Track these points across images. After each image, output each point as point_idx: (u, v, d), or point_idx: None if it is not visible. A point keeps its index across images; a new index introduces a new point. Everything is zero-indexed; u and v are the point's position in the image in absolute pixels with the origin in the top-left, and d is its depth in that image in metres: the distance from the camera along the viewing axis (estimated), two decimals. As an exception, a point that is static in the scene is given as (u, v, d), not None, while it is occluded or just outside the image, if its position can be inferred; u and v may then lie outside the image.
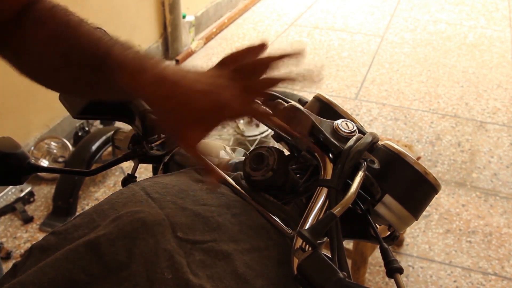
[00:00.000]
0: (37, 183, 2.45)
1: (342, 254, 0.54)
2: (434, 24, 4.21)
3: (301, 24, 4.22)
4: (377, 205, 0.60)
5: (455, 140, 2.81)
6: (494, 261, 2.09)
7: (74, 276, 0.51)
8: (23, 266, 0.55)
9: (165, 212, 0.57)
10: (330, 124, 0.63)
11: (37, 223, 2.25)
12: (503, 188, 2.47)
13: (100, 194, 2.42)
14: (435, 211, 2.33)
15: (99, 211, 0.59)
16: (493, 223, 2.27)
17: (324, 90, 3.29)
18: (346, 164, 0.57)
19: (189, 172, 0.67)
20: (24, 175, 0.76)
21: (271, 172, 0.62)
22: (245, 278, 0.53)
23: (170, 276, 0.51)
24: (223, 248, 0.55)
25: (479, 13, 4.40)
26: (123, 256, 0.52)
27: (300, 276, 0.51)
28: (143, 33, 3.39)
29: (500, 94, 3.26)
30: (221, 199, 0.61)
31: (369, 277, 2.01)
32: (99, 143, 2.41)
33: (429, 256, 2.11)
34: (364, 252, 1.79)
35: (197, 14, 3.91)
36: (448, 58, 3.68)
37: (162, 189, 0.62)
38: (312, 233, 0.52)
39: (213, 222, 0.58)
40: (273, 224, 0.60)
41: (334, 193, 0.56)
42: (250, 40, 3.95)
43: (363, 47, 3.83)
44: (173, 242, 0.54)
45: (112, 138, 0.83)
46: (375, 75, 3.47)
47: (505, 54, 3.74)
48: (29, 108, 2.50)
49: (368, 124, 2.94)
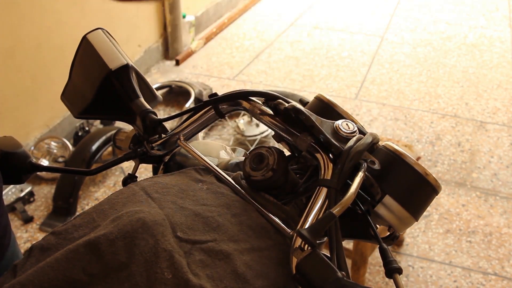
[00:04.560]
0: (37, 183, 2.45)
1: (341, 253, 0.54)
2: (434, 24, 4.21)
3: (301, 24, 4.22)
4: (377, 205, 0.60)
5: (455, 140, 2.81)
6: (494, 261, 2.09)
7: (74, 276, 0.51)
8: (23, 266, 0.55)
9: (165, 212, 0.58)
10: (331, 124, 0.63)
11: (37, 223, 2.25)
12: (503, 188, 2.47)
13: (100, 194, 2.42)
14: (435, 211, 2.33)
15: (99, 211, 0.60)
16: (493, 223, 2.27)
17: (324, 90, 3.29)
18: (346, 164, 0.57)
19: (189, 172, 0.67)
20: (25, 174, 0.76)
21: (271, 172, 0.62)
22: (245, 278, 0.53)
23: (170, 276, 0.51)
24: (223, 248, 0.55)
25: (479, 13, 4.40)
26: (123, 256, 0.52)
27: (299, 275, 0.51)
28: (143, 33, 3.39)
29: (500, 94, 3.26)
30: (221, 199, 0.61)
31: (369, 277, 2.01)
32: (99, 143, 2.42)
33: (429, 256, 2.11)
34: (364, 252, 1.79)
35: (197, 14, 3.91)
36: (448, 58, 3.68)
37: (162, 189, 0.62)
38: (311, 233, 0.52)
39: (213, 222, 0.58)
40: (273, 224, 0.60)
41: (333, 193, 0.56)
42: (250, 40, 3.95)
43: (363, 47, 3.83)
44: (173, 242, 0.54)
45: (113, 138, 0.83)
46: (375, 75, 3.47)
47: (505, 54, 3.74)
48: (29, 108, 2.50)
49: (368, 124, 2.94)
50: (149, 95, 0.80)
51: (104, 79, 0.75)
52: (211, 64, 3.61)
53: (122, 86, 0.76)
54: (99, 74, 0.75)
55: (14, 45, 2.33)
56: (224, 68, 3.57)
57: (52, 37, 2.54)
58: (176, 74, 3.47)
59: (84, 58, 0.79)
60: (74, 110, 0.80)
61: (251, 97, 0.69)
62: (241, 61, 3.65)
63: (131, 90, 0.77)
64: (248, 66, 3.58)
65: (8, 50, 2.32)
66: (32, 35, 2.43)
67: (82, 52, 0.79)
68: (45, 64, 2.53)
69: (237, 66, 3.59)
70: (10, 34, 2.30)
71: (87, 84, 0.77)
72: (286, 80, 3.41)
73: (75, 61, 0.80)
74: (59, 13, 2.57)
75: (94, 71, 0.76)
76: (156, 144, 0.76)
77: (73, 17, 2.65)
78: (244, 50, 3.81)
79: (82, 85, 0.79)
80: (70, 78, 0.80)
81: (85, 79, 0.79)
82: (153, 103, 0.81)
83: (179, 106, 3.10)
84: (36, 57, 2.48)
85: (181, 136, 0.74)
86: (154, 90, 0.82)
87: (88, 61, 0.78)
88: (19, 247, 0.90)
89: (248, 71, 3.52)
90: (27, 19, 2.37)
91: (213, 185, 0.64)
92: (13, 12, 2.26)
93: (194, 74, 3.48)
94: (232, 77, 3.46)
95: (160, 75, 3.47)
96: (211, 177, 0.66)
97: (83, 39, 0.78)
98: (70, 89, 0.81)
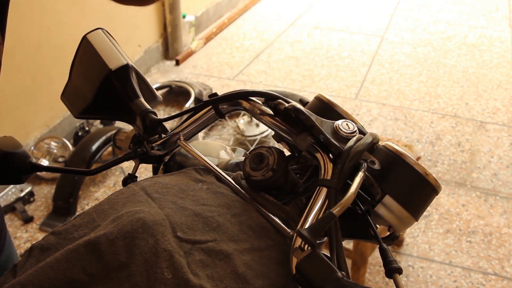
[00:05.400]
0: (37, 183, 2.45)
1: (341, 253, 0.54)
2: (434, 24, 4.21)
3: (301, 24, 4.22)
4: (377, 206, 0.60)
5: (455, 140, 2.81)
6: (494, 261, 2.09)
7: (74, 276, 0.51)
8: (23, 266, 0.55)
9: (165, 212, 0.58)
10: (331, 124, 0.63)
11: (37, 223, 2.25)
12: (503, 188, 2.47)
13: (100, 194, 2.42)
14: (435, 211, 2.33)
15: (99, 211, 0.60)
16: (493, 223, 2.27)
17: (324, 90, 3.29)
18: (346, 164, 0.57)
19: (189, 172, 0.67)
20: (25, 174, 0.76)
21: (271, 172, 0.62)
22: (245, 278, 0.53)
23: (170, 276, 0.51)
24: (223, 248, 0.55)
25: (479, 13, 4.40)
26: (123, 256, 0.52)
27: (299, 275, 0.51)
28: (143, 33, 3.39)
29: (500, 94, 3.26)
30: (221, 199, 0.61)
31: (369, 277, 2.01)
32: (99, 143, 2.42)
33: (429, 256, 2.11)
34: (364, 252, 1.79)
35: (197, 14, 3.91)
36: (448, 58, 3.68)
37: (162, 189, 0.62)
38: (311, 233, 0.52)
39: (213, 222, 0.58)
40: (273, 224, 0.60)
41: (333, 193, 0.56)
42: (250, 40, 3.95)
43: (363, 47, 3.83)
44: (173, 242, 0.54)
45: (113, 138, 0.83)
46: (375, 75, 3.47)
47: (505, 54, 3.74)
48: (29, 108, 2.50)
49: (368, 124, 2.94)
50: (149, 95, 0.80)
51: (104, 79, 0.75)
52: (211, 64, 3.61)
53: (122, 86, 0.76)
54: (99, 74, 0.75)
55: (14, 45, 2.33)
56: (224, 68, 3.57)
57: (52, 37, 2.54)
58: (176, 74, 3.47)
59: (84, 58, 0.79)
60: (74, 110, 0.80)
61: (251, 97, 0.69)
62: (241, 61, 3.65)
63: (131, 90, 0.77)
64: (248, 66, 3.59)
65: (8, 50, 2.31)
66: (32, 35, 2.43)
67: (82, 52, 0.79)
68: (45, 64, 2.53)
69: (237, 66, 3.59)
70: (10, 34, 2.29)
71: (87, 84, 0.77)
72: (286, 80, 3.41)
73: (75, 61, 0.80)
74: (59, 13, 2.57)
75: (94, 71, 0.76)
76: (156, 144, 0.76)
77: (73, 17, 2.65)
78: (244, 50, 3.81)
79: (82, 85, 0.79)
80: (70, 78, 0.80)
81: (85, 79, 0.79)
82: (153, 103, 0.81)
83: (179, 106, 3.10)
84: (36, 57, 2.48)
85: (181, 136, 0.74)
86: (154, 90, 0.82)
87: (88, 61, 0.78)
88: (19, 248, 0.90)
89: (248, 71, 3.52)
90: (27, 19, 2.37)
91: (213, 185, 0.64)
92: (13, 12, 2.26)
93: (194, 74, 3.48)
94: (232, 77, 3.46)
95: (160, 75, 3.47)
96: (211, 177, 0.66)
97: (83, 39, 0.78)
98: (70, 89, 0.81)
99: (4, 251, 0.86)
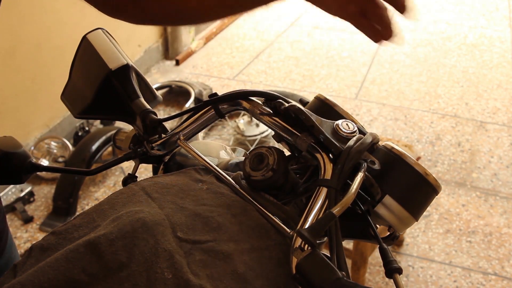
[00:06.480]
0: (37, 183, 2.45)
1: (341, 253, 0.54)
2: (434, 24, 4.21)
3: (301, 24, 4.22)
4: (377, 206, 0.60)
5: (455, 140, 2.81)
6: (494, 261, 2.09)
7: (74, 276, 0.51)
8: (23, 266, 0.55)
9: (165, 212, 0.58)
10: (331, 124, 0.63)
11: (37, 223, 2.25)
12: (503, 188, 2.47)
13: (100, 194, 2.42)
14: (435, 211, 2.33)
15: (99, 211, 0.60)
16: (493, 223, 2.27)
17: (324, 90, 3.29)
18: (346, 164, 0.57)
19: (189, 172, 0.67)
20: (25, 174, 0.76)
21: (271, 172, 0.62)
22: (245, 278, 0.53)
23: (170, 276, 0.51)
24: (223, 248, 0.55)
25: (479, 13, 4.40)
26: (123, 256, 0.52)
27: (299, 275, 0.51)
28: (143, 33, 3.39)
29: (500, 94, 3.26)
30: (221, 199, 0.61)
31: (369, 277, 2.01)
32: (99, 143, 2.42)
33: (429, 256, 2.11)
34: (364, 252, 1.79)
35: (197, 14, 3.91)
36: (448, 58, 3.68)
37: (162, 189, 0.62)
38: (311, 233, 0.52)
39: (213, 222, 0.58)
40: (273, 224, 0.60)
41: (333, 193, 0.56)
42: (250, 40, 3.95)
43: (363, 47, 3.83)
44: (173, 242, 0.54)
45: (113, 138, 0.83)
46: (375, 75, 3.47)
47: (505, 54, 3.74)
48: (29, 108, 2.50)
49: (368, 124, 2.94)
50: (149, 95, 0.80)
51: (104, 79, 0.75)
52: (211, 64, 3.61)
53: (122, 86, 0.76)
54: (99, 74, 0.75)
55: (14, 45, 2.33)
56: (224, 68, 3.57)
57: (52, 37, 2.54)
58: (176, 74, 3.47)
59: (84, 58, 0.79)
60: (74, 110, 0.80)
61: (251, 97, 0.69)
62: (241, 61, 3.65)
63: (131, 90, 0.77)
64: (248, 66, 3.59)
65: (8, 50, 2.32)
66: (32, 35, 2.43)
67: (82, 52, 0.79)
68: (45, 64, 2.53)
69: (237, 66, 3.59)
70: (10, 34, 2.30)
71: (87, 84, 0.77)
72: (286, 80, 3.41)
73: (75, 61, 0.80)
74: (59, 13, 2.57)
75: (94, 71, 0.76)
76: (156, 144, 0.76)
77: (73, 17, 2.65)
78: (244, 50, 3.81)
79: (82, 85, 0.79)
80: (70, 78, 0.81)
81: (85, 79, 0.79)
82: (153, 103, 0.81)
83: (179, 106, 3.10)
84: (36, 57, 2.48)
85: (181, 136, 0.74)
86: (154, 90, 0.82)
87: (88, 61, 0.78)
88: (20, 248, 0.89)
89: (248, 71, 3.52)
90: (27, 19, 2.37)
91: (213, 185, 0.64)
92: (13, 12, 2.26)
93: (194, 74, 3.48)
94: (232, 77, 3.46)
95: (160, 75, 3.47)
96: (211, 177, 0.66)
97: (83, 39, 0.79)
98: (70, 89, 0.81)
99: (5, 254, 0.85)
